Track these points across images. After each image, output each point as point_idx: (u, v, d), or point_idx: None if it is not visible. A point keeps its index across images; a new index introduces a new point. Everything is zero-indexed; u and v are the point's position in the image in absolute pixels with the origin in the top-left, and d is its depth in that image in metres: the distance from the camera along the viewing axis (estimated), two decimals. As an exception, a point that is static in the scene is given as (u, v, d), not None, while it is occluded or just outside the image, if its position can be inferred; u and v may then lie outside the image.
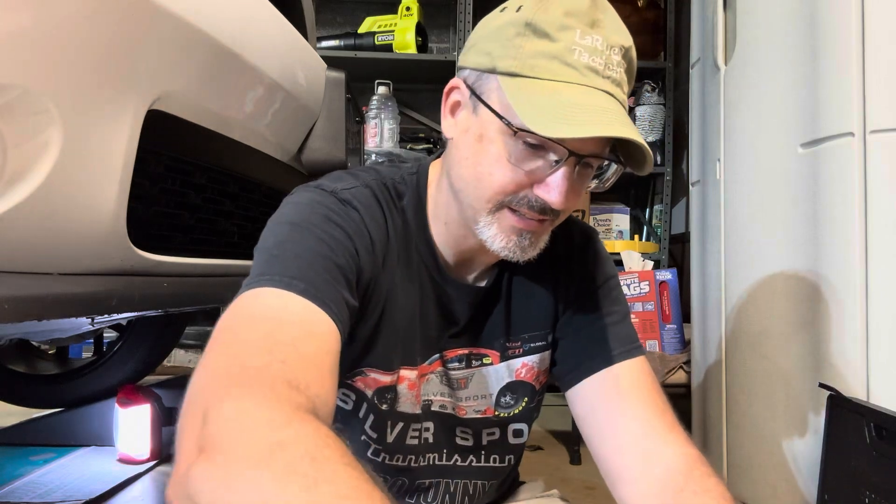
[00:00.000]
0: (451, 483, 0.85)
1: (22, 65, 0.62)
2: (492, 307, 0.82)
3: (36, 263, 0.72)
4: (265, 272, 0.62)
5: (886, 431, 1.12)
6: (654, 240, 2.96)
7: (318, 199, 0.70)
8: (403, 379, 0.78)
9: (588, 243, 0.85)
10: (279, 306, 0.59)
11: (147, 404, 1.77)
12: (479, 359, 0.82)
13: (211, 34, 0.89)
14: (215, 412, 0.46)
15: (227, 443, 0.44)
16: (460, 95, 0.71)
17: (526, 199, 0.67)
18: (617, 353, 0.79)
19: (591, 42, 0.63)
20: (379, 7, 2.95)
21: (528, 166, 0.65)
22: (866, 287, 1.26)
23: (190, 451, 0.46)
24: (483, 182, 0.67)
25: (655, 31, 2.92)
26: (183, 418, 0.49)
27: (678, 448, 0.73)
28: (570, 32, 0.63)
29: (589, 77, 0.63)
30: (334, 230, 0.67)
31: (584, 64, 0.63)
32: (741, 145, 1.64)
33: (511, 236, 0.68)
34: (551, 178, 0.65)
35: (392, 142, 2.64)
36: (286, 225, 0.68)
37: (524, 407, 0.85)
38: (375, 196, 0.74)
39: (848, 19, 1.28)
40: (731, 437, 1.68)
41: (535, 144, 0.65)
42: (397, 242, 0.75)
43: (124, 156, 0.77)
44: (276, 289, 0.60)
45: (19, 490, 1.52)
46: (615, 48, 0.64)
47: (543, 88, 0.63)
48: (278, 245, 0.65)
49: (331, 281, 0.63)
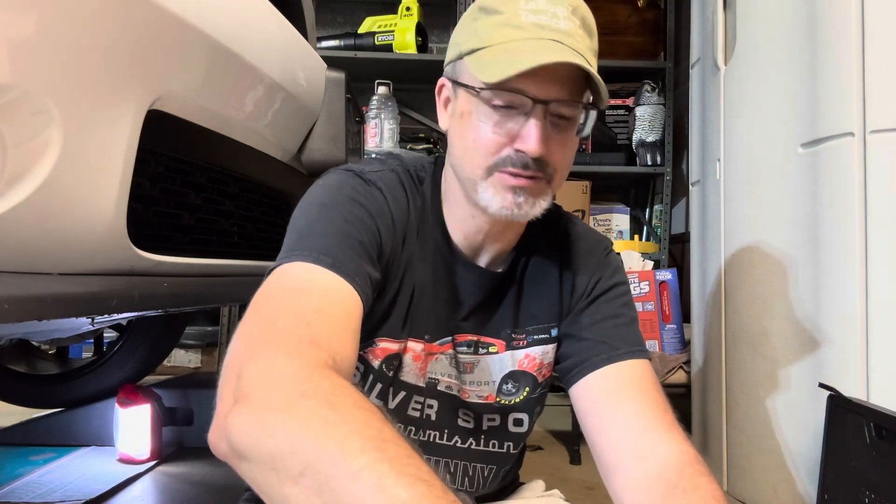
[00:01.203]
0: (451, 463, 0.87)
1: (22, 65, 0.62)
2: (503, 295, 0.85)
3: (36, 263, 0.72)
4: (295, 248, 0.68)
5: (886, 431, 1.12)
6: (654, 240, 2.96)
7: (345, 180, 0.77)
8: (409, 350, 0.81)
9: (601, 248, 0.89)
10: (307, 279, 0.66)
11: (147, 404, 1.77)
12: (486, 347, 0.85)
13: (211, 34, 0.89)
14: (248, 368, 0.54)
15: (257, 393, 0.52)
16: (447, 90, 0.79)
17: (510, 158, 0.72)
18: (622, 352, 0.81)
19: (534, 5, 0.70)
20: (379, 7, 2.95)
21: (504, 126, 0.72)
22: (866, 287, 1.26)
23: (227, 401, 0.54)
24: (470, 151, 0.74)
25: (655, 31, 2.92)
26: (222, 377, 0.57)
27: (674, 446, 0.73)
28: (514, 3, 0.71)
29: (535, 31, 0.70)
30: (358, 210, 0.74)
31: (531, 22, 0.70)
32: (741, 145, 1.64)
33: (506, 195, 0.73)
34: (523, 128, 0.71)
35: (392, 142, 2.64)
36: (315, 206, 0.74)
37: (525, 396, 0.87)
38: (399, 179, 0.81)
39: (848, 19, 1.28)
40: (731, 437, 1.68)
41: (503, 105, 0.71)
42: (416, 222, 0.81)
43: (124, 156, 0.77)
44: (305, 263, 0.66)
45: (19, 490, 1.53)
46: (560, 6, 0.71)
47: (496, 51, 0.71)
48: (308, 224, 0.72)
49: (355, 257, 0.69)
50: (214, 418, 0.54)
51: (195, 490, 1.60)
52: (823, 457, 1.27)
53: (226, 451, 0.52)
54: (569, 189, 2.73)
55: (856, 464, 1.18)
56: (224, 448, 0.53)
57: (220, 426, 0.53)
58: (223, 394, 0.55)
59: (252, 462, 0.50)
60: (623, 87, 2.89)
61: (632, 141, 2.84)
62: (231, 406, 0.52)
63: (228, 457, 0.53)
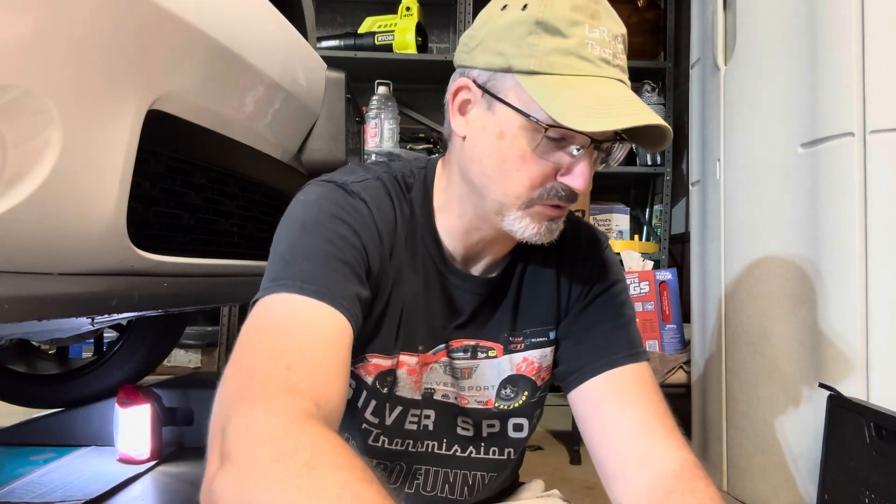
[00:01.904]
0: (451, 473, 0.86)
1: (22, 65, 0.62)
2: (500, 299, 0.83)
3: (36, 263, 0.72)
4: (279, 277, 0.66)
5: (886, 431, 1.12)
6: (654, 240, 2.96)
7: (325, 194, 0.74)
8: (403, 364, 0.79)
9: (597, 247, 0.87)
10: (289, 313, 0.64)
11: (147, 404, 1.77)
12: (485, 351, 0.84)
13: (211, 34, 0.89)
14: (230, 426, 0.54)
15: (237, 456, 0.52)
16: (470, 94, 0.73)
17: (554, 190, 0.70)
18: (621, 356, 0.80)
19: (599, 34, 0.67)
20: (379, 7, 2.95)
21: (553, 158, 0.69)
22: (866, 287, 1.26)
23: (214, 463, 0.54)
24: (510, 178, 0.70)
25: (655, 31, 2.92)
26: (210, 432, 0.57)
27: (674, 452, 0.74)
28: (579, 27, 0.66)
29: (603, 68, 0.67)
30: (341, 228, 0.71)
31: (598, 56, 0.67)
32: (741, 145, 1.64)
33: (542, 223, 0.72)
34: (577, 167, 0.69)
35: (392, 142, 2.64)
36: (297, 227, 0.71)
37: (524, 401, 0.86)
38: (385, 187, 0.78)
39: (848, 19, 1.28)
40: (731, 437, 1.68)
41: (556, 137, 0.68)
42: (404, 232, 0.78)
43: (124, 156, 0.77)
44: (288, 294, 0.64)
45: (19, 490, 1.52)
46: (618, 37, 0.68)
47: (565, 84, 0.66)
48: (290, 249, 0.69)
49: (340, 279, 0.67)
50: (203, 480, 0.55)
51: (195, 490, 1.58)
52: (823, 457, 1.27)
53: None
54: (569, 189, 2.73)
55: (856, 464, 1.18)
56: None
57: (207, 489, 0.53)
58: (210, 454, 0.55)
59: None
60: (623, 87, 2.89)
61: (632, 141, 2.84)
62: (217, 468, 0.53)
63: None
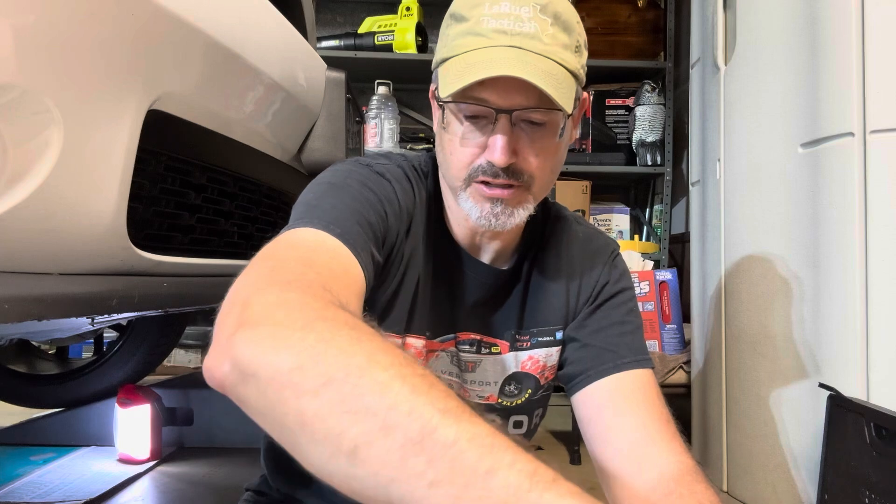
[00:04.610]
0: None
1: (22, 65, 0.62)
2: (508, 294, 0.84)
3: (36, 263, 0.72)
4: (304, 216, 0.67)
5: (886, 431, 1.12)
6: (654, 240, 2.96)
7: (355, 168, 0.77)
8: (409, 346, 0.80)
9: (609, 253, 0.88)
10: (316, 240, 0.64)
11: (147, 404, 1.77)
12: (489, 347, 0.84)
13: (211, 34, 0.89)
14: (256, 298, 0.50)
15: (270, 317, 0.48)
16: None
17: (481, 167, 0.72)
18: (626, 361, 0.81)
19: (498, 9, 0.69)
20: (379, 7, 2.95)
21: (474, 137, 0.72)
22: (866, 287, 1.26)
23: (230, 326, 0.49)
24: (450, 162, 0.75)
25: (655, 31, 2.92)
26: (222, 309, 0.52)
27: (674, 457, 0.74)
28: (479, 8, 0.70)
29: (495, 38, 0.69)
30: (368, 193, 0.73)
31: (492, 29, 0.69)
32: (741, 145, 1.64)
33: (484, 205, 0.73)
34: (490, 138, 0.71)
35: (392, 142, 2.64)
36: (325, 184, 0.74)
37: (527, 398, 0.86)
38: (405, 173, 0.81)
39: (848, 19, 1.28)
40: (731, 437, 1.68)
41: (471, 116, 0.71)
42: (422, 215, 0.80)
43: (124, 156, 0.77)
44: (314, 229, 0.65)
45: (19, 490, 1.53)
46: (525, 7, 0.69)
47: (458, 61, 0.70)
48: (317, 198, 0.71)
49: (362, 233, 0.68)
50: (213, 344, 0.50)
51: (195, 490, 1.60)
52: (823, 457, 1.27)
53: (225, 373, 0.48)
54: (569, 189, 2.73)
55: (856, 464, 1.18)
56: (224, 370, 0.48)
57: (221, 348, 0.49)
58: (224, 321, 0.51)
59: (261, 380, 0.46)
60: (623, 87, 2.89)
61: (632, 141, 2.84)
62: (236, 329, 0.48)
63: (228, 380, 0.48)
